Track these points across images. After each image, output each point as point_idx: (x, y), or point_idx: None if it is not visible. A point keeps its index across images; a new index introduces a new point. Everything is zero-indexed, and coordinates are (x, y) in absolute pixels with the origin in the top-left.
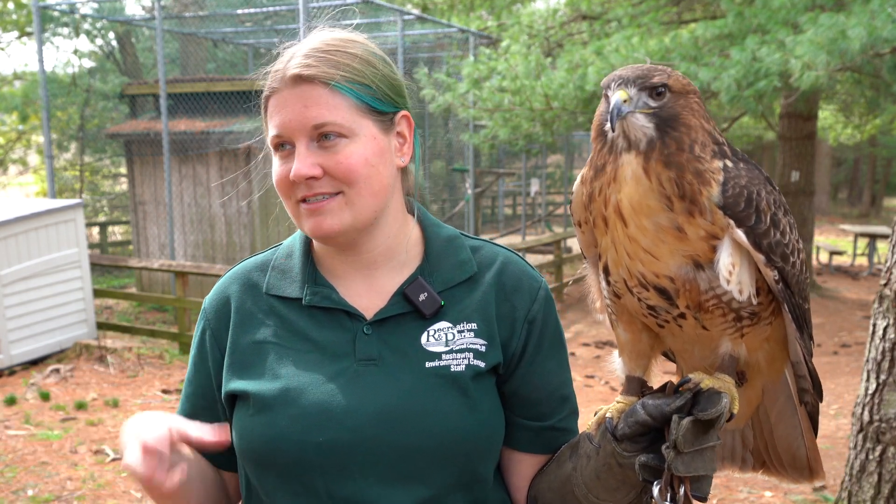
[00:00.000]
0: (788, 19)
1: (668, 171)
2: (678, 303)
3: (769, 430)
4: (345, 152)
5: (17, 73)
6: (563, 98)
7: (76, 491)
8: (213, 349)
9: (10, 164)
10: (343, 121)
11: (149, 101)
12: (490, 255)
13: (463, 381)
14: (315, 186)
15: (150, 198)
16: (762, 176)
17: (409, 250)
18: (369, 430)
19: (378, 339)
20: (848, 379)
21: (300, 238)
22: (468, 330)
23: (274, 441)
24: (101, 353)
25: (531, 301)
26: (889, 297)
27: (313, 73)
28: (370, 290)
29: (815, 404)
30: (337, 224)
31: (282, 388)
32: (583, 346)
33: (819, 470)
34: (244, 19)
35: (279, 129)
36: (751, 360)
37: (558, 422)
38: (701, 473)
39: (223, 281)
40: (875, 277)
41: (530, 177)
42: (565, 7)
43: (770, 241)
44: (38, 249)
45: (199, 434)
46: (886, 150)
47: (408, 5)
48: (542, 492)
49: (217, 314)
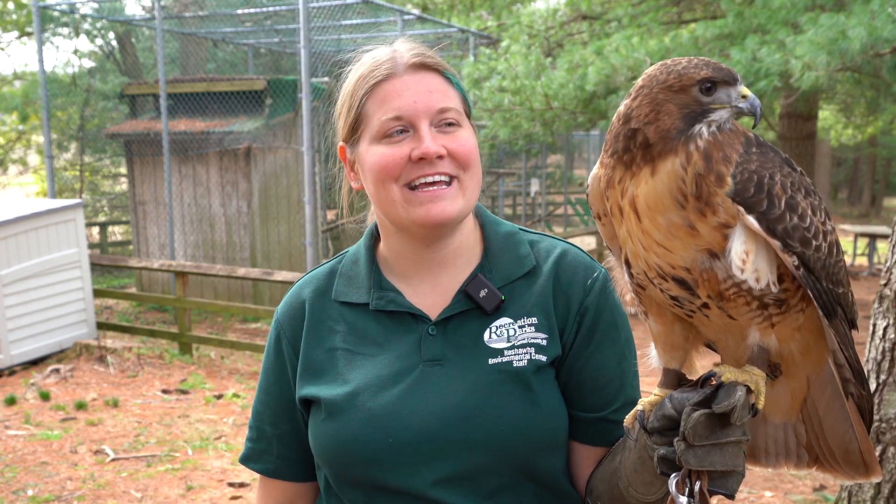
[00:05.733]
0: (788, 19)
1: (701, 163)
2: (699, 293)
3: (818, 423)
4: (463, 137)
5: (17, 73)
6: (563, 98)
7: (76, 491)
8: (290, 357)
9: (10, 164)
10: (460, 108)
11: (149, 101)
12: (548, 247)
13: (525, 376)
14: (438, 166)
15: (150, 198)
16: (778, 158)
17: (472, 248)
18: (434, 429)
19: (443, 339)
20: None
21: (364, 245)
22: (529, 325)
23: (346, 444)
24: (101, 353)
25: (585, 293)
26: (889, 297)
27: (434, 62)
28: (434, 290)
29: (861, 395)
30: (453, 210)
31: (351, 393)
32: None
33: (874, 465)
34: (244, 19)
35: (401, 112)
36: (783, 351)
37: (611, 413)
38: (719, 469)
39: (293, 291)
40: (875, 277)
41: (530, 177)
42: (565, 7)
43: (786, 225)
44: (38, 249)
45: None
46: (886, 150)
47: (408, 5)
48: (596, 483)
49: (291, 323)
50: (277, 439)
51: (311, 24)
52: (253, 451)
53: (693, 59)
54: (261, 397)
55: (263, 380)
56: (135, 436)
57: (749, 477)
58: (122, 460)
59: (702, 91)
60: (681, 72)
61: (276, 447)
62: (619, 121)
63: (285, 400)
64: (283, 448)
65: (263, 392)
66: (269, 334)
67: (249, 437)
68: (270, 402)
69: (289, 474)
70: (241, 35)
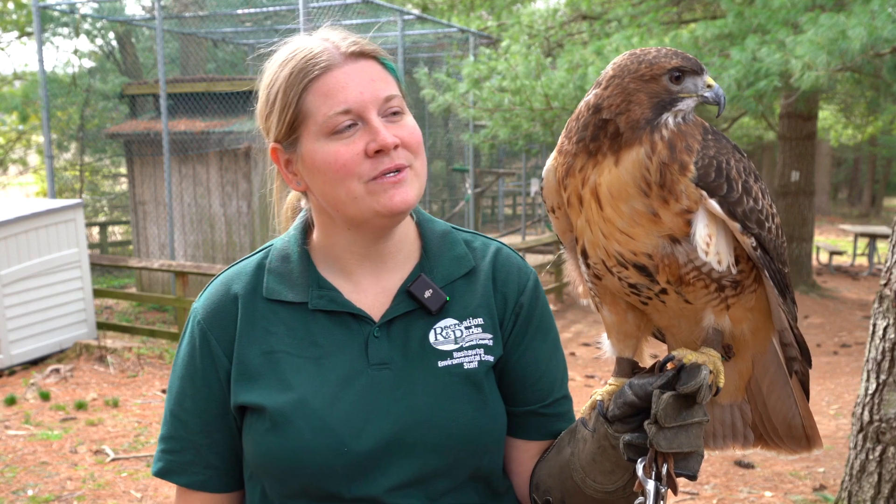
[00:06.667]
0: (788, 19)
1: (665, 153)
2: (658, 279)
3: (762, 402)
4: (410, 125)
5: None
6: (563, 98)
7: (76, 491)
8: (221, 360)
9: (10, 164)
10: (400, 94)
11: (149, 101)
12: (482, 247)
13: (477, 377)
14: (395, 157)
15: (150, 198)
16: (730, 145)
17: (411, 244)
18: (391, 437)
19: (388, 342)
20: (848, 379)
21: (296, 241)
22: (476, 325)
23: (297, 454)
24: (101, 353)
25: (520, 291)
26: (889, 297)
27: (371, 48)
28: (375, 288)
29: (805, 372)
30: (412, 196)
31: (299, 400)
32: (583, 346)
33: (816, 437)
34: (244, 19)
35: (350, 105)
36: (736, 332)
37: (545, 407)
38: (686, 450)
39: (219, 287)
40: (875, 277)
41: (530, 177)
42: (565, 7)
43: (744, 208)
44: (38, 249)
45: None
46: (886, 150)
47: (408, 5)
48: (543, 478)
49: (220, 322)
50: (208, 448)
51: (311, 24)
52: (176, 463)
53: (661, 48)
54: (184, 405)
55: (187, 385)
56: (135, 436)
57: (749, 477)
58: (122, 460)
59: (671, 80)
60: (652, 61)
61: (206, 457)
62: (588, 110)
63: (216, 406)
64: (215, 458)
65: (188, 399)
66: (188, 334)
67: (167, 449)
68: (197, 410)
69: (218, 485)
70: (241, 35)
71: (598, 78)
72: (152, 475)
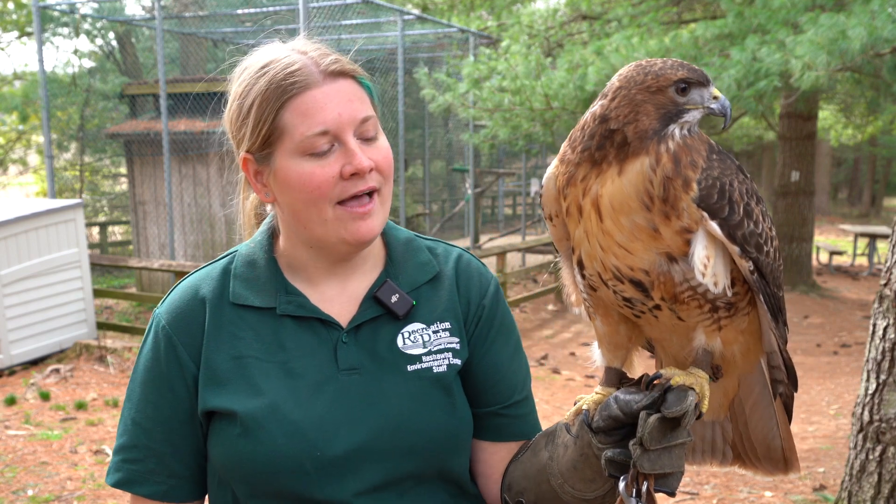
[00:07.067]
0: (788, 19)
1: (670, 166)
2: (653, 294)
3: (744, 421)
4: (384, 148)
5: (17, 73)
6: (563, 98)
7: (76, 491)
8: (188, 365)
9: (10, 164)
10: (375, 114)
11: (149, 101)
12: (444, 253)
13: (446, 381)
14: (369, 180)
15: (150, 198)
16: (734, 165)
17: (376, 253)
18: (362, 440)
19: (357, 347)
20: (848, 379)
21: (262, 246)
22: (443, 329)
23: (269, 458)
24: (101, 353)
25: (482, 294)
26: (889, 297)
27: (351, 68)
28: (341, 295)
29: (790, 394)
30: (378, 226)
31: (270, 405)
32: (583, 346)
33: (794, 461)
34: (244, 19)
35: (327, 126)
36: (726, 354)
37: (504, 408)
38: (668, 471)
39: (185, 291)
40: (875, 277)
41: (530, 177)
42: (565, 7)
43: (744, 231)
44: (38, 249)
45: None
46: (886, 150)
47: (408, 5)
48: (517, 480)
49: (187, 327)
50: (172, 457)
51: (311, 24)
52: (137, 472)
53: (668, 60)
54: (146, 412)
55: (150, 392)
56: None
57: (749, 477)
58: None
59: (677, 91)
60: (658, 73)
61: (170, 466)
62: (594, 120)
63: (182, 412)
64: (179, 466)
65: (150, 406)
66: (151, 339)
67: (127, 458)
68: (161, 417)
69: (181, 495)
70: (241, 35)
71: (604, 89)
72: (109, 486)
